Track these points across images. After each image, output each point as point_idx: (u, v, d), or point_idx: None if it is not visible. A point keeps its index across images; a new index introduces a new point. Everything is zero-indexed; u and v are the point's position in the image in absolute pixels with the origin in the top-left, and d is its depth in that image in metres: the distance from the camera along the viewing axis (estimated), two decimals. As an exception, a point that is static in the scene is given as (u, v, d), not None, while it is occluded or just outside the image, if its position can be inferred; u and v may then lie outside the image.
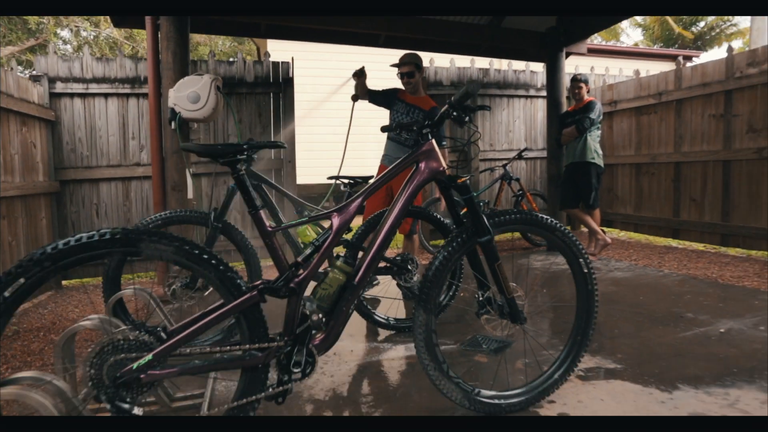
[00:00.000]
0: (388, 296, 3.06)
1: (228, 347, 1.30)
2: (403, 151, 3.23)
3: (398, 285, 2.55)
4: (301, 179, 4.98)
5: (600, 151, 4.16)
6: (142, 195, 4.27)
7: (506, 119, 5.72)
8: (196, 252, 1.27)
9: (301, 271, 1.39)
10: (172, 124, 3.21)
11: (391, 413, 1.71)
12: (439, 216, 2.50)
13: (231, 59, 4.60)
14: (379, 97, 3.34)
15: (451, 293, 2.64)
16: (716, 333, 2.39)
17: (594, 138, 4.15)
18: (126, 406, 1.14)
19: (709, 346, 2.22)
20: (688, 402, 1.71)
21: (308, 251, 1.40)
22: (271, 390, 1.35)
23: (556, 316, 2.78)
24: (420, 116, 3.20)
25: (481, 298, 1.66)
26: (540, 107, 5.80)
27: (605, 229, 5.59)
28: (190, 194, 3.39)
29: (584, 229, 4.87)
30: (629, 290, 3.26)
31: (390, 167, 1.57)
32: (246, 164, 2.60)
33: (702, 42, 16.42)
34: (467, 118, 1.54)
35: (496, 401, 1.64)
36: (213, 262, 1.28)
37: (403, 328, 2.57)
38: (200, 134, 3.66)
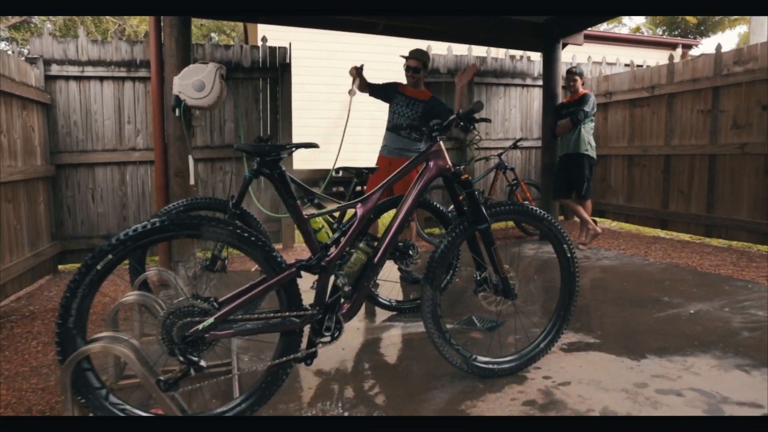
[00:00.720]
0: (389, 280, 3.45)
1: (271, 314, 1.68)
2: (401, 142, 3.60)
3: (399, 269, 2.95)
4: (296, 165, 5.31)
5: (593, 143, 4.59)
6: (139, 180, 4.56)
7: (502, 108, 6.12)
8: (246, 235, 1.64)
9: (330, 252, 1.77)
10: (176, 111, 3.52)
11: (395, 380, 2.11)
12: (438, 205, 2.90)
13: (223, 42, 4.86)
14: (380, 91, 3.68)
15: (448, 277, 3.05)
16: (687, 314, 2.85)
17: (588, 130, 4.57)
18: (195, 358, 1.51)
19: (679, 325, 2.68)
20: (652, 368, 2.15)
21: (336, 235, 1.78)
22: (302, 353, 1.74)
23: (545, 299, 3.21)
24: (420, 107, 3.56)
25: (478, 278, 2.06)
26: (536, 96, 6.21)
27: (597, 219, 6.08)
28: (192, 180, 3.71)
29: (577, 219, 5.33)
30: (615, 277, 3.72)
31: (406, 164, 1.94)
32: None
33: (705, 27, 17.02)
34: (471, 127, 1.93)
35: (491, 366, 2.06)
36: (260, 243, 1.65)
37: (404, 309, 2.98)
38: (202, 121, 3.95)
